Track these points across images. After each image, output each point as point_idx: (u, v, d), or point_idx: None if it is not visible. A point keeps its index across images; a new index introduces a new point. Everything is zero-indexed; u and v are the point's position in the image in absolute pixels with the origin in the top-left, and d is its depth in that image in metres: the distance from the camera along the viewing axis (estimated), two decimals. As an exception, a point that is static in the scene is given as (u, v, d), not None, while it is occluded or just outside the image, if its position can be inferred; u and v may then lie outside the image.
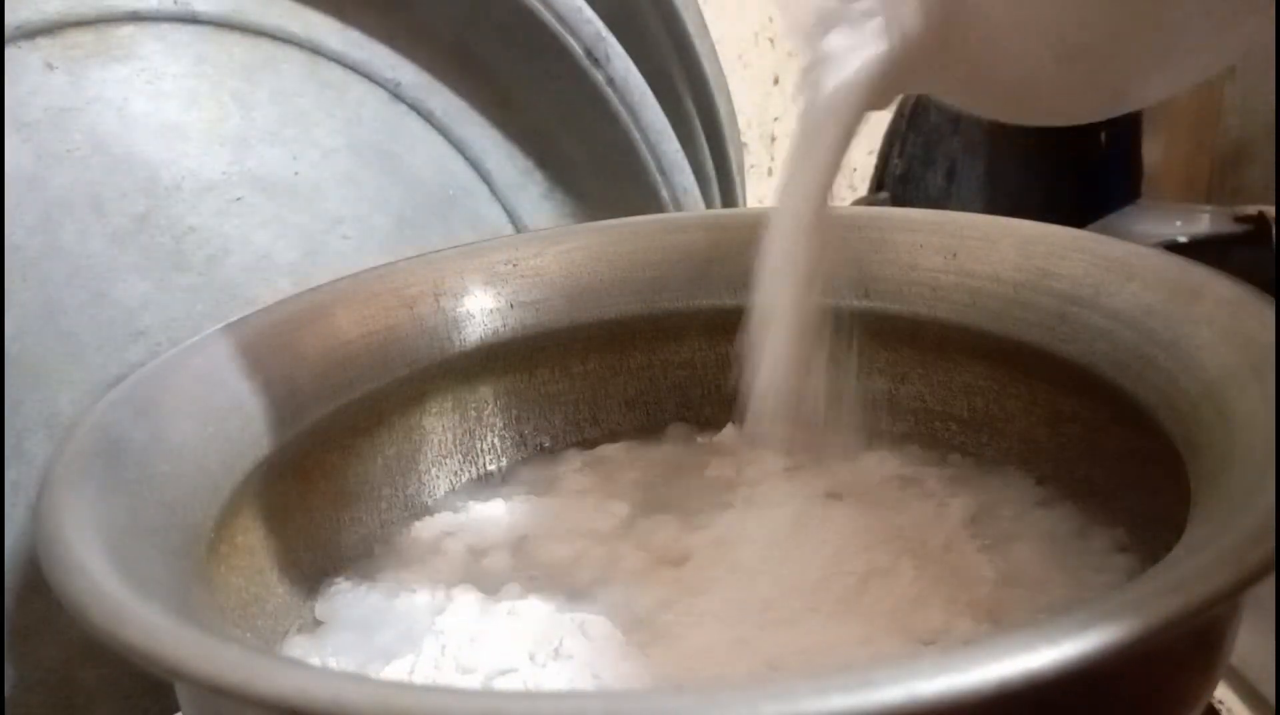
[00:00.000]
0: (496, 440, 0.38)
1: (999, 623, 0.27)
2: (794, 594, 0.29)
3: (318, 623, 0.31)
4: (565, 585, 0.31)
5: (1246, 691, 0.34)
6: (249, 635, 0.29)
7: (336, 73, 0.44)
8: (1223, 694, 0.34)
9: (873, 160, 0.89)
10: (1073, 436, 0.33)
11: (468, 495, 0.37)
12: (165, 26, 0.41)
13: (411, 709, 0.17)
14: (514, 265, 0.38)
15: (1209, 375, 0.27)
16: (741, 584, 0.29)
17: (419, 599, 0.31)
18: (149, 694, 0.39)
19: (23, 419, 0.38)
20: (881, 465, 0.35)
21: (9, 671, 0.38)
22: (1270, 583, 0.19)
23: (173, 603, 0.22)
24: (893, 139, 0.90)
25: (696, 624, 0.28)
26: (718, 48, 0.53)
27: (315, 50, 0.43)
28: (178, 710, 0.26)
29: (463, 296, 0.37)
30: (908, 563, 0.29)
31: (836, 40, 0.23)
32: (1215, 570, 0.19)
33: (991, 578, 0.29)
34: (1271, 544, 0.19)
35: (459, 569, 0.32)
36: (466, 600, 0.30)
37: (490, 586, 0.31)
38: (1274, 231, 0.61)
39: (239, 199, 0.41)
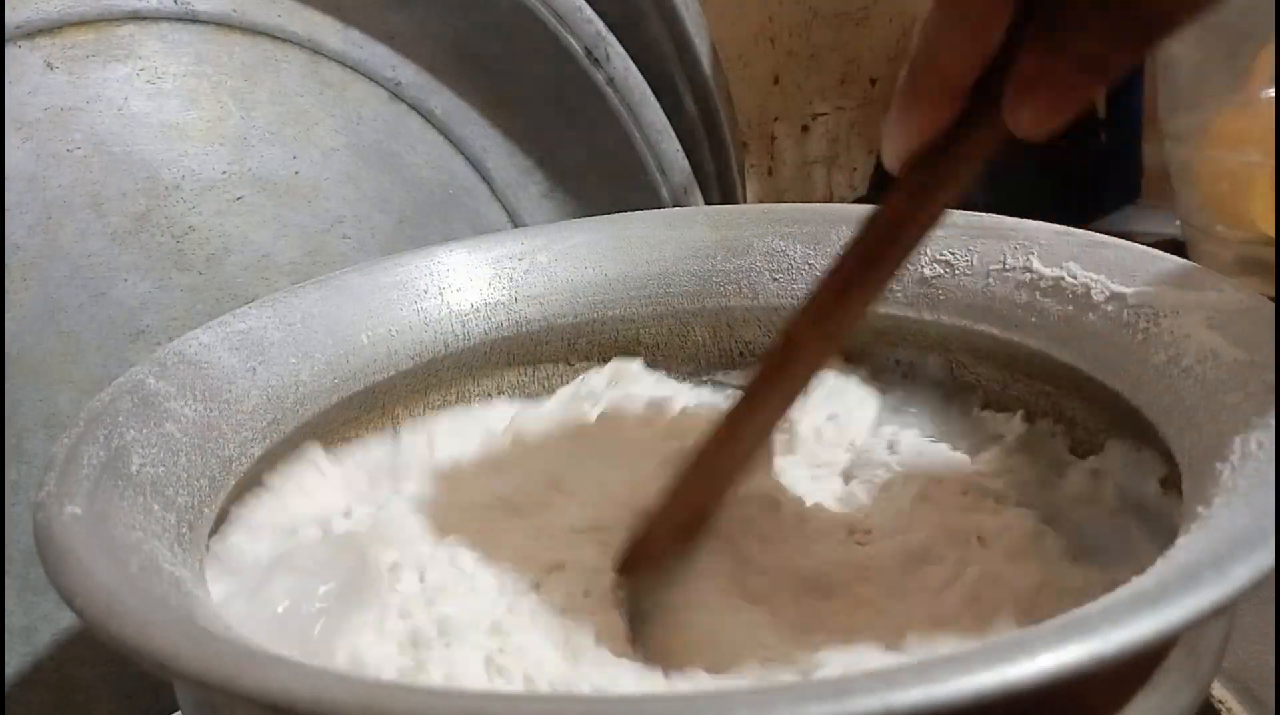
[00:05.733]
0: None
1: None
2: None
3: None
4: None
5: (1246, 692, 0.34)
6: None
7: (336, 72, 0.44)
8: (1222, 694, 0.34)
9: (873, 160, 0.89)
10: (1073, 438, 0.33)
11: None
12: (165, 26, 0.41)
13: (394, 707, 0.17)
14: (519, 259, 0.38)
15: (1208, 376, 0.27)
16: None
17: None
18: (149, 693, 0.39)
19: (23, 419, 0.38)
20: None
21: (9, 671, 0.38)
22: (1270, 583, 0.19)
23: (172, 600, 0.22)
24: (893, 139, 0.90)
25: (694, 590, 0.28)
26: (718, 48, 0.53)
27: (315, 50, 0.43)
28: (177, 709, 0.26)
29: (467, 290, 0.37)
30: None
31: None
32: (1211, 575, 0.19)
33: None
34: (1271, 544, 0.19)
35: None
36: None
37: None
38: (1275, 232, 0.61)
39: (239, 199, 0.41)
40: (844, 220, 0.37)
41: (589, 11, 0.44)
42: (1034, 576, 0.27)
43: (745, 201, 0.57)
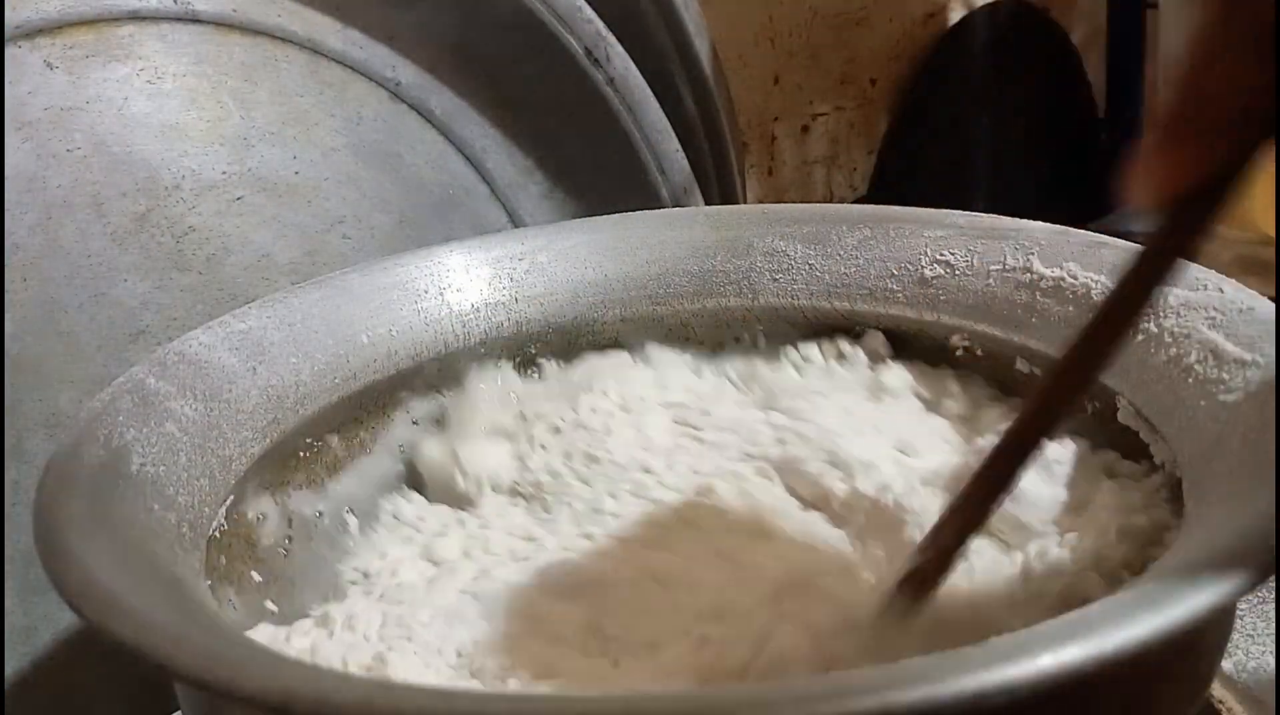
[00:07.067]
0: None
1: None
2: None
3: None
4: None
5: (1246, 692, 0.34)
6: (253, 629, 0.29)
7: (336, 73, 0.44)
8: (1222, 694, 0.34)
9: (873, 160, 0.89)
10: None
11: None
12: (165, 26, 0.41)
13: (394, 708, 0.17)
14: (519, 259, 0.38)
15: (1207, 377, 0.27)
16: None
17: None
18: (149, 693, 0.39)
19: (23, 419, 0.38)
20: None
21: (9, 671, 0.38)
22: (1270, 583, 0.19)
23: (174, 599, 0.22)
24: (893, 139, 0.90)
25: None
26: (718, 48, 0.53)
27: (315, 50, 0.43)
28: (178, 710, 0.26)
29: (467, 290, 0.37)
30: None
31: None
32: (1211, 575, 0.19)
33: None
34: (1271, 544, 0.19)
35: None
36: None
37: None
38: (1275, 232, 0.61)
39: (239, 199, 0.41)
40: (844, 220, 0.37)
41: (589, 11, 0.44)
42: None
43: (745, 201, 0.57)
